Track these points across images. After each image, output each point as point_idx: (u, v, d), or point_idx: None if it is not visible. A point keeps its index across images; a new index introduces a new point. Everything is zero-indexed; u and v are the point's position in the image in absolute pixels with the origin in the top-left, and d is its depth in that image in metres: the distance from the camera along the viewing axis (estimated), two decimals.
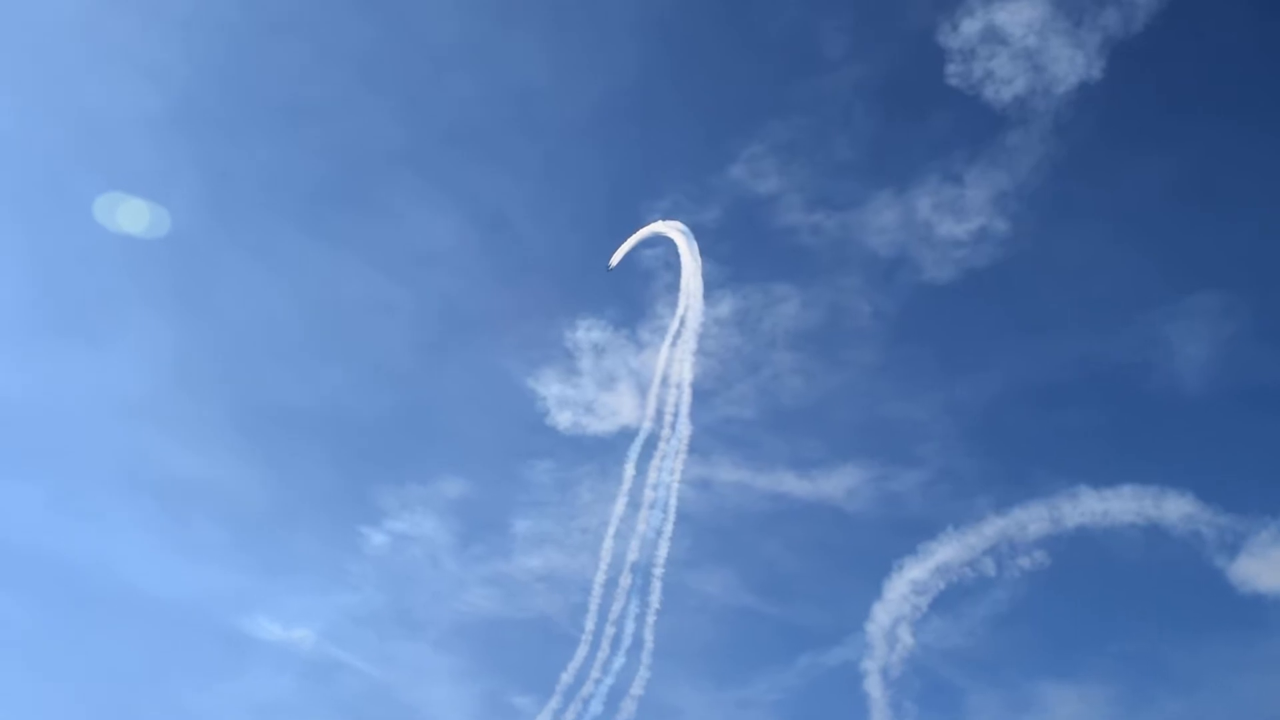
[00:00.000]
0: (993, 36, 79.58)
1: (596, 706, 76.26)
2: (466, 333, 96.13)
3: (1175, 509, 75.90)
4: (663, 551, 78.20)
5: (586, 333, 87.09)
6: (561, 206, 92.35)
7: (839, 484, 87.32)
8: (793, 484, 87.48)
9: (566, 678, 77.67)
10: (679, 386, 79.41)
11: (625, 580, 76.15)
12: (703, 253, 79.46)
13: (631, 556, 78.28)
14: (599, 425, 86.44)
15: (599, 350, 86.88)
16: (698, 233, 79.88)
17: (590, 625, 77.01)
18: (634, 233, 77.41)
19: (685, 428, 78.44)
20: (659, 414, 79.56)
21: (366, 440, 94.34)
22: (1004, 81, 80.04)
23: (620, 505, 78.78)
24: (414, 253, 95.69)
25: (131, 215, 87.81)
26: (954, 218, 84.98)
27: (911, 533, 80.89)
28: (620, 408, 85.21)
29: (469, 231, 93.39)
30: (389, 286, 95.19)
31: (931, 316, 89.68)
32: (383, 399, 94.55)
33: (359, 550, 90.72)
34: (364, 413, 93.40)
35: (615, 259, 74.50)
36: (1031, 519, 77.28)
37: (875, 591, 79.24)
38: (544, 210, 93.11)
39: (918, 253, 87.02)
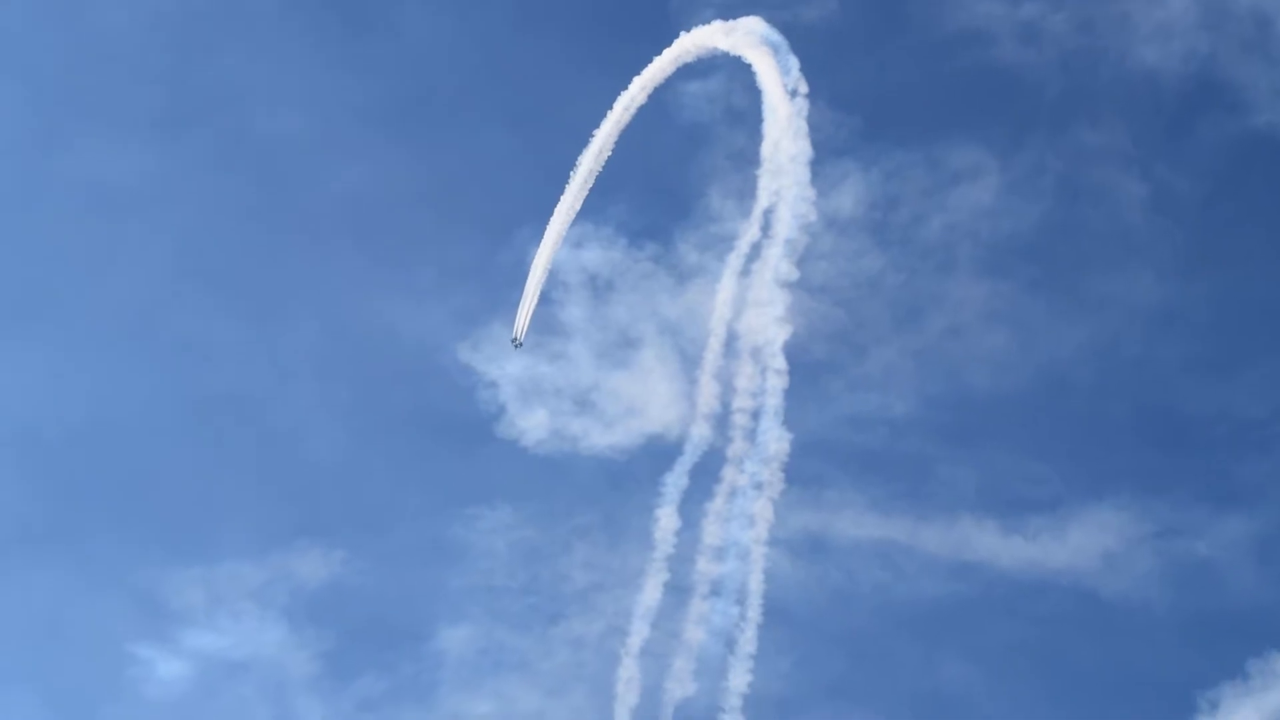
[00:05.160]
0: None
1: None
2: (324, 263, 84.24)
3: None
4: (738, 684, 63.51)
5: (575, 252, 76.86)
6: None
7: (1087, 544, 74.01)
8: (993, 545, 74.29)
9: None
10: (760, 356, 64.44)
11: None
12: (812, 85, 62.95)
13: (675, 696, 63.84)
14: (603, 435, 75.57)
15: (600, 287, 77.73)
16: (802, 40, 63.92)
17: None
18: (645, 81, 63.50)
19: (775, 438, 63.67)
20: (722, 413, 65.10)
21: (132, 481, 79.63)
22: None
23: (650, 592, 64.75)
24: None
25: None
26: None
27: (1231, 638, 71.24)
28: (645, 400, 75.12)
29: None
30: None
31: None
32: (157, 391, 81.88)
33: (130, 694, 73.86)
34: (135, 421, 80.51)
35: (521, 324, 66.67)
36: None
37: None
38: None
39: None
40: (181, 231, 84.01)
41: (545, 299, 68.15)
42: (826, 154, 67.67)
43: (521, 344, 66.60)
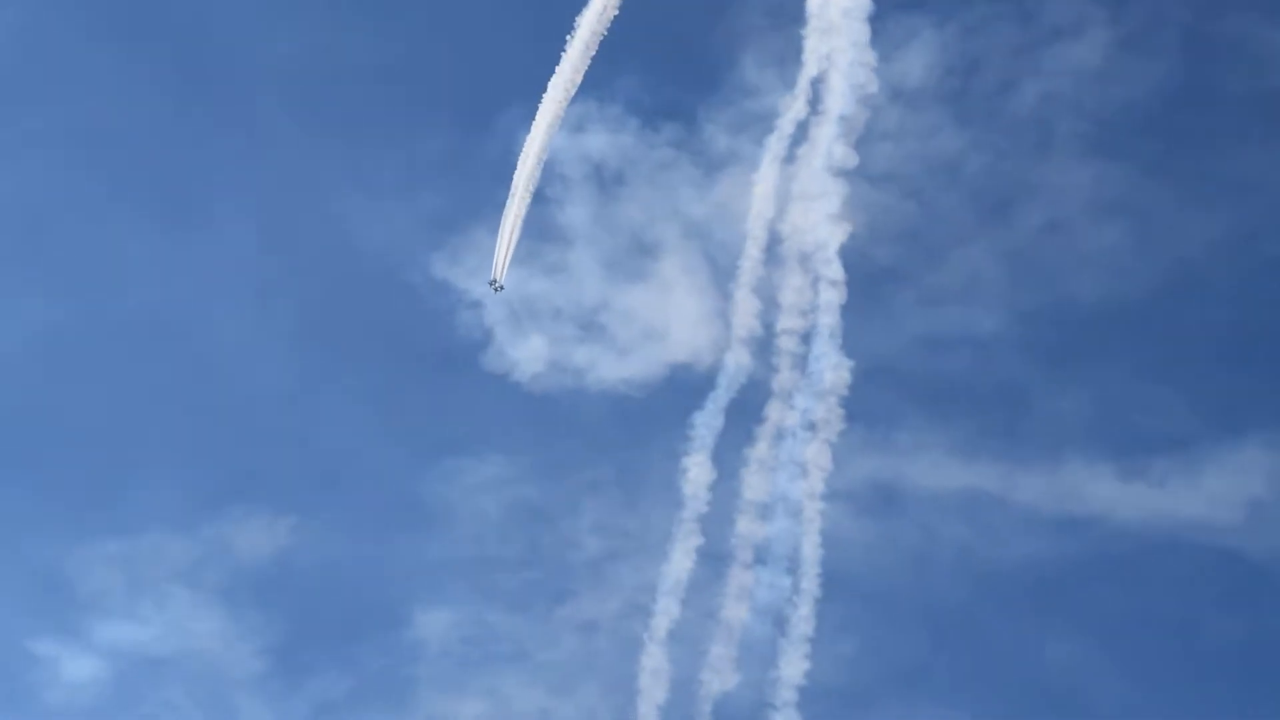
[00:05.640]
0: None
1: None
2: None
3: None
4: (791, 674, 58.78)
5: (576, 137, 71.50)
6: None
7: (1225, 492, 68.19)
8: (1108, 494, 68.87)
9: None
10: (811, 264, 59.63)
11: None
12: None
13: (713, 690, 59.69)
14: (615, 366, 70.30)
15: (608, 180, 71.92)
16: None
17: None
18: None
19: (832, 366, 59.07)
20: (764, 336, 60.86)
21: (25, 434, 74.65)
22: None
23: (679, 560, 60.03)
24: None
25: None
26: None
27: None
28: (667, 321, 69.93)
29: None
30: None
31: None
32: None
33: (30, 701, 68.73)
34: None
35: (502, 259, 60.83)
36: None
37: None
38: None
39: None
40: (78, 115, 78.03)
41: (540, 197, 62.47)
42: (890, 6, 62.12)
43: (502, 287, 62.17)
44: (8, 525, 75.52)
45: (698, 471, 60.74)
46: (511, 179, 60.32)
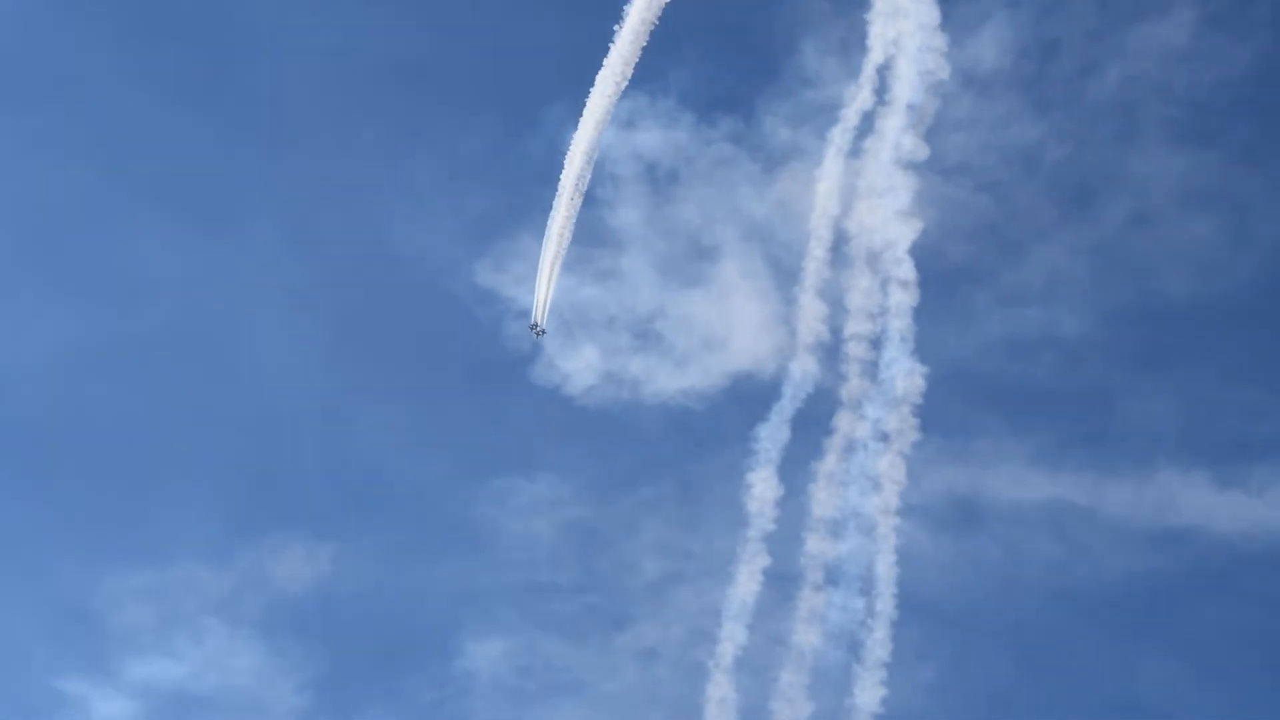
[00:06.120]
0: None
1: None
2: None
3: None
4: (867, 701, 57.13)
5: (627, 134, 68.82)
6: None
7: None
8: (1204, 504, 66.52)
9: None
10: (880, 264, 57.89)
11: None
12: None
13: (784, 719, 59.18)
14: (673, 378, 67.96)
15: (661, 179, 69.40)
16: None
17: None
18: None
19: (904, 373, 57.43)
20: (831, 342, 58.67)
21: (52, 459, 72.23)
22: None
23: (745, 583, 58.41)
24: None
25: None
26: None
27: None
28: (727, 328, 67.96)
29: None
30: None
31: None
32: None
33: None
34: None
35: (543, 299, 58.38)
36: None
37: None
38: None
39: None
40: (100, 116, 76.20)
41: (590, 199, 59.86)
42: None
43: (544, 332, 60.13)
44: (31, 554, 73.70)
45: (763, 487, 58.76)
46: (558, 180, 57.37)
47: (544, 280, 60.30)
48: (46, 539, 74.12)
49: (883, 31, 56.30)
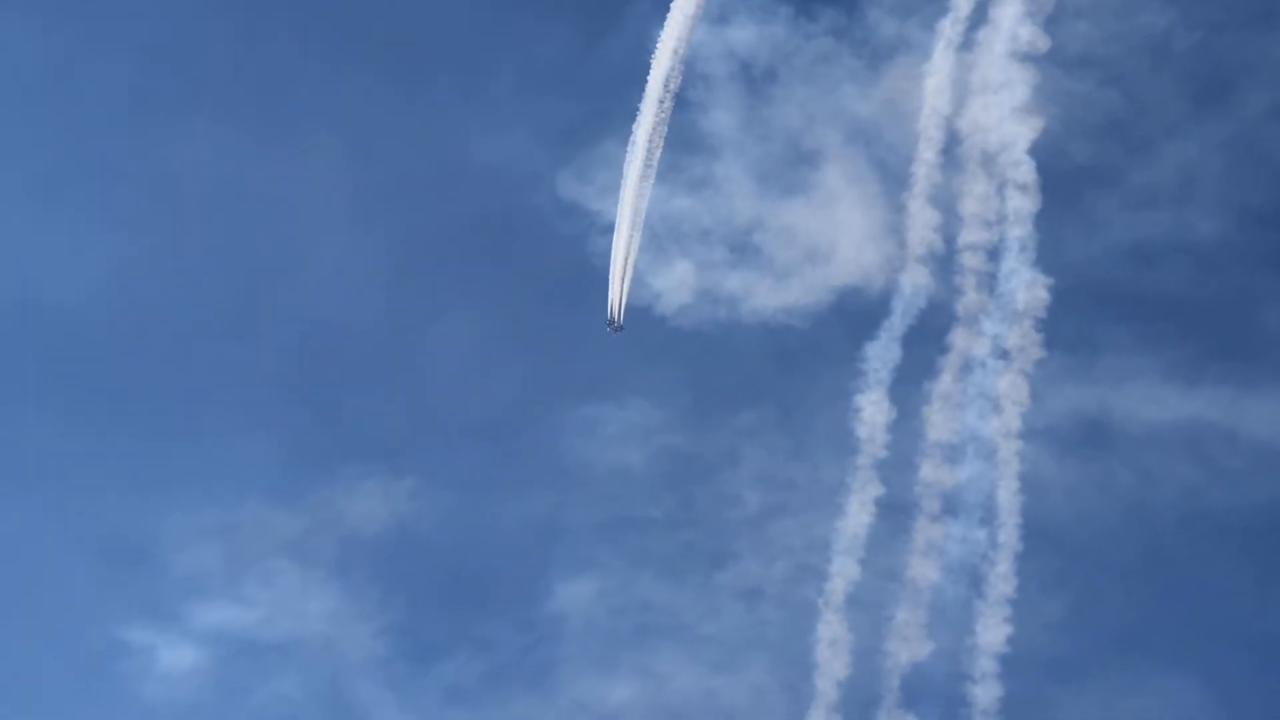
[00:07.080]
0: None
1: None
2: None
3: None
4: (991, 641, 54.95)
5: (718, 30, 65.93)
6: None
7: None
8: None
9: None
10: (997, 166, 55.80)
11: None
12: None
13: (901, 661, 56.18)
14: (773, 294, 64.13)
15: (757, 78, 65.48)
16: None
17: None
18: None
19: (1025, 284, 55.42)
20: (944, 252, 56.79)
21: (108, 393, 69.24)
22: None
23: (856, 515, 56.32)
24: None
25: None
26: None
27: None
28: (832, 239, 63.60)
29: None
30: None
31: None
32: None
33: (122, 695, 65.01)
34: None
35: (617, 303, 57.91)
36: None
37: None
38: None
39: None
40: (153, 22, 72.55)
41: (681, 102, 57.90)
42: None
43: (622, 327, 58.64)
44: (88, 497, 69.95)
45: (873, 411, 56.97)
46: (645, 82, 54.48)
47: (618, 272, 58.52)
48: (101, 477, 70.68)
49: None
